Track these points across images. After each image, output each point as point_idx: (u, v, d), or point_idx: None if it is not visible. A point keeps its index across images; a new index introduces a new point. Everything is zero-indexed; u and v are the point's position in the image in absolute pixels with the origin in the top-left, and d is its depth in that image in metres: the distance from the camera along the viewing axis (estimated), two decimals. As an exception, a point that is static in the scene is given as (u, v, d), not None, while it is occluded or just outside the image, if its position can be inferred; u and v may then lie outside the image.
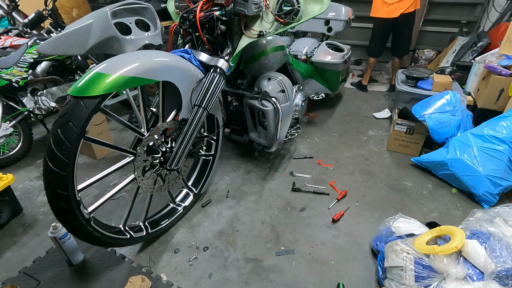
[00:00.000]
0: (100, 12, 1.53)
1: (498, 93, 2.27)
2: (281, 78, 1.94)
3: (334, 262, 1.52)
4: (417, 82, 2.70)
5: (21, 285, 1.39)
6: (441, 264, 1.15)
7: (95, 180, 1.27)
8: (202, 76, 1.44)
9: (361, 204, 1.91)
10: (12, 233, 1.73)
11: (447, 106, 2.23)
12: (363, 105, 3.33)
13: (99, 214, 1.79)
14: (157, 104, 1.52)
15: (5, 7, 2.75)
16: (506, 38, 2.39)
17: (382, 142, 2.62)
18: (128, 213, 1.45)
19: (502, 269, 1.11)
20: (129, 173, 1.43)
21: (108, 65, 1.11)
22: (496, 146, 1.85)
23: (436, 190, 2.03)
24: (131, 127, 1.32)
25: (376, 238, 1.57)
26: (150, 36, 1.67)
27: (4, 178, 1.69)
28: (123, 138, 2.74)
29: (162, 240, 1.66)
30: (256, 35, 1.48)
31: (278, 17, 1.48)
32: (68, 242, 1.43)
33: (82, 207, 1.18)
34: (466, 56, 3.20)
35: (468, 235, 1.27)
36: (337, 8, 2.93)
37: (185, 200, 1.83)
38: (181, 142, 1.42)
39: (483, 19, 3.89)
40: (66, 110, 1.07)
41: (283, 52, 2.09)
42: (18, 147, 2.33)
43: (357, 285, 1.41)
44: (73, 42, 1.54)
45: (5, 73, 2.13)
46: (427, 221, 1.65)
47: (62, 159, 1.06)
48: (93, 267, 1.49)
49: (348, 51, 2.89)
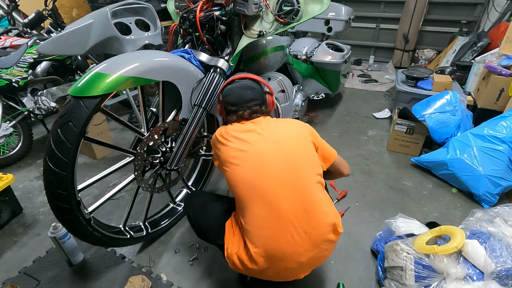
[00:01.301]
0: (100, 12, 1.53)
1: (498, 93, 2.27)
2: (281, 78, 1.94)
3: (334, 262, 1.52)
4: (417, 82, 2.70)
5: (21, 285, 1.39)
6: (441, 264, 1.15)
7: (95, 180, 1.27)
8: (202, 76, 1.44)
9: (361, 204, 1.91)
10: (12, 233, 1.73)
11: (447, 106, 2.23)
12: (363, 105, 3.33)
13: (99, 214, 1.79)
14: (157, 104, 1.52)
15: (5, 7, 2.75)
16: (506, 38, 2.39)
17: (382, 142, 2.62)
18: (128, 213, 1.45)
19: (502, 269, 1.11)
20: (129, 173, 1.43)
21: (108, 65, 1.11)
22: (496, 146, 1.85)
23: (436, 190, 2.03)
24: (131, 127, 1.32)
25: (376, 238, 1.57)
26: (150, 36, 1.67)
27: (4, 178, 1.69)
28: (123, 138, 2.74)
29: (162, 240, 1.66)
30: (256, 35, 1.48)
31: (278, 17, 1.48)
32: (68, 242, 1.44)
33: (82, 207, 1.18)
34: (466, 56, 3.20)
35: (468, 235, 1.26)
36: (337, 8, 2.92)
37: (185, 200, 1.83)
38: (181, 142, 1.42)
39: (483, 19, 3.89)
40: (66, 110, 1.07)
41: (283, 52, 2.09)
42: (18, 147, 2.33)
43: (357, 285, 1.41)
44: (73, 42, 1.54)
45: (5, 73, 2.13)
46: (427, 221, 1.65)
47: (62, 159, 1.06)
48: (93, 267, 1.49)
49: (348, 51, 2.89)
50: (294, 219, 1.04)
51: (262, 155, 1.08)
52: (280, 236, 1.04)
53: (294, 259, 1.07)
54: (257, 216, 1.06)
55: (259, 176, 1.06)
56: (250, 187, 1.06)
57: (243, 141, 1.11)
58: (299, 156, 1.10)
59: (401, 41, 4.37)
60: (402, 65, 4.48)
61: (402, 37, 4.34)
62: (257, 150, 1.09)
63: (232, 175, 1.10)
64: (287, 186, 1.06)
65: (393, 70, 4.44)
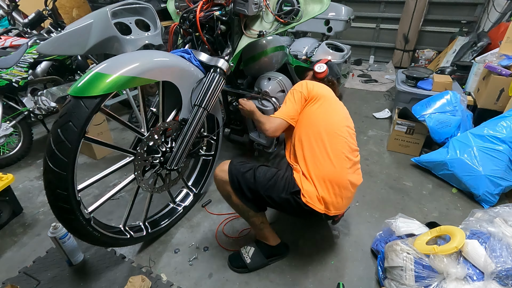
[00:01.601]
0: (100, 12, 1.53)
1: (498, 93, 2.27)
2: (281, 78, 1.94)
3: (334, 262, 1.52)
4: (417, 82, 2.70)
5: (21, 285, 1.39)
6: (441, 264, 1.15)
7: (95, 180, 1.27)
8: (202, 76, 1.44)
9: (361, 204, 1.91)
10: (12, 233, 1.73)
11: (447, 106, 2.23)
12: (363, 105, 3.33)
13: (99, 214, 1.79)
14: (157, 104, 1.51)
15: (5, 7, 2.74)
16: (506, 38, 2.39)
17: (382, 142, 2.61)
18: (128, 213, 1.45)
19: (502, 269, 1.11)
20: (129, 173, 1.43)
21: (108, 65, 1.11)
22: (496, 146, 1.85)
23: (436, 190, 2.03)
24: (131, 127, 1.31)
25: (376, 238, 1.57)
26: (150, 36, 1.67)
27: (4, 178, 1.69)
28: (123, 138, 2.74)
29: (162, 240, 1.66)
30: (256, 35, 1.48)
31: (278, 17, 1.48)
32: (68, 242, 1.43)
33: (82, 207, 1.18)
34: (466, 56, 3.21)
35: (468, 235, 1.26)
36: (337, 8, 2.92)
37: (185, 200, 1.83)
38: (181, 142, 1.42)
39: (483, 19, 3.89)
40: (66, 110, 1.07)
41: (283, 52, 2.09)
42: (18, 147, 2.33)
43: (357, 285, 1.41)
44: (73, 42, 1.54)
45: (5, 73, 2.13)
46: (427, 221, 1.65)
47: (62, 159, 1.06)
48: (93, 267, 1.49)
49: (348, 51, 2.89)
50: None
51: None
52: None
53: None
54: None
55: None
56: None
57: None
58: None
59: (401, 41, 4.37)
60: (402, 65, 4.48)
61: (402, 37, 4.34)
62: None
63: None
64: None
65: (393, 70, 4.44)
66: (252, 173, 1.32)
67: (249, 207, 1.35)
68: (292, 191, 1.28)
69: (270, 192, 1.30)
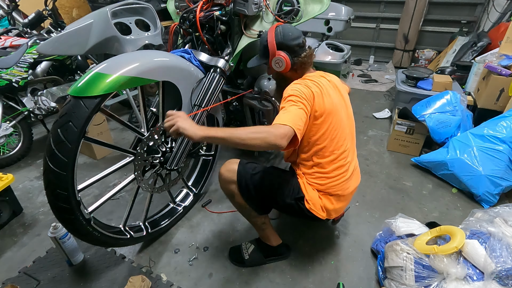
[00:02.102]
0: (100, 12, 1.53)
1: (498, 93, 2.27)
2: (281, 78, 1.93)
3: (334, 262, 1.52)
4: (417, 82, 2.70)
5: (21, 285, 1.39)
6: (441, 264, 1.15)
7: (95, 180, 1.27)
8: (202, 76, 1.44)
9: (361, 204, 1.91)
10: (12, 233, 1.73)
11: (447, 106, 2.23)
12: (363, 105, 3.33)
13: (99, 214, 1.79)
14: (157, 104, 1.51)
15: (5, 7, 2.75)
16: (506, 38, 2.39)
17: (382, 142, 2.61)
18: (128, 213, 1.45)
19: (502, 269, 1.11)
20: (129, 173, 1.43)
21: (108, 65, 1.11)
22: (496, 146, 1.85)
23: (436, 190, 2.03)
24: (131, 127, 1.32)
25: (376, 238, 1.57)
26: (150, 36, 1.67)
27: (4, 178, 1.69)
28: (123, 138, 2.74)
29: (162, 240, 1.66)
30: (256, 35, 1.48)
31: (278, 17, 1.48)
32: (68, 242, 1.43)
33: (82, 207, 1.18)
34: (466, 56, 3.20)
35: (468, 235, 1.26)
36: (337, 8, 2.92)
37: (185, 200, 1.83)
38: (181, 142, 1.42)
39: (483, 19, 3.89)
40: (66, 110, 1.07)
41: (283, 52, 2.09)
42: (18, 147, 2.33)
43: (357, 285, 1.41)
44: (73, 42, 1.54)
45: (5, 73, 2.13)
46: (427, 221, 1.65)
47: (62, 159, 1.06)
48: (93, 267, 1.49)
49: (348, 51, 2.89)
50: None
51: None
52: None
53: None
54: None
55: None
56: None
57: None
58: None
59: (401, 41, 4.37)
60: (402, 65, 4.48)
61: (402, 37, 4.34)
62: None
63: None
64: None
65: (393, 70, 4.44)
66: (260, 175, 1.30)
67: (253, 209, 1.35)
68: (296, 197, 1.28)
69: (275, 196, 1.30)
